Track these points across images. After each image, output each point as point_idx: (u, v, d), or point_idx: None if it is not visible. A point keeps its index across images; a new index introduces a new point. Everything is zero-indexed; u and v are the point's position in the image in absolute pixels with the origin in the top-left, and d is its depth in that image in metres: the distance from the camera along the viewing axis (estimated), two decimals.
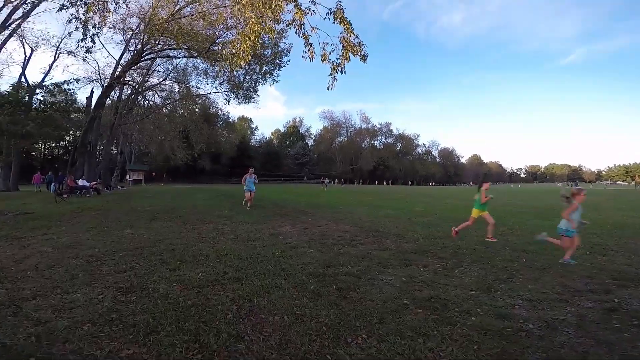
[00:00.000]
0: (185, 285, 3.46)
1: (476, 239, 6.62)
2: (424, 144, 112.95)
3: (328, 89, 5.57)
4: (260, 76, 20.76)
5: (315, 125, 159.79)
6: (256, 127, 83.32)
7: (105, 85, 20.94)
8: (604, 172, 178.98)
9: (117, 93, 24.97)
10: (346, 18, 5.90)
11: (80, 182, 17.37)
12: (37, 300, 3.02)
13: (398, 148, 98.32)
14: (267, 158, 67.17)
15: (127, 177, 42.16)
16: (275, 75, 20.73)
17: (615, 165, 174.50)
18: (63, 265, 4.08)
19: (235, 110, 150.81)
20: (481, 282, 3.77)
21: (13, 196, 17.07)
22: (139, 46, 19.16)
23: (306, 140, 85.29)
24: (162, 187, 31.33)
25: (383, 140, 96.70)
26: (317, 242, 5.86)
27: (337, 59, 5.68)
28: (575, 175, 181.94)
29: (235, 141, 64.49)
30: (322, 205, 13.98)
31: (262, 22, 5.95)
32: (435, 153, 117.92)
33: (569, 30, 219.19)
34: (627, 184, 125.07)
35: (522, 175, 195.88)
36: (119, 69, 20.28)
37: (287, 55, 20.16)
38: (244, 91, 21.60)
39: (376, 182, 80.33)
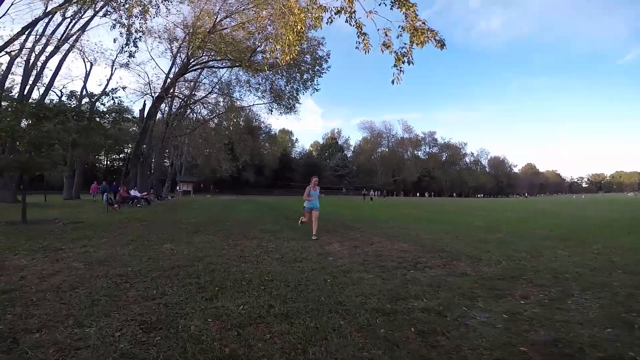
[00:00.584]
0: (222, 322, 2.70)
1: (569, 259, 5.30)
2: (472, 153, 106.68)
3: (393, 82, 4.72)
4: (300, 84, 20.51)
5: (353, 137, 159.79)
6: (296, 140, 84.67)
7: (155, 97, 22.09)
8: None
9: (168, 106, 26.33)
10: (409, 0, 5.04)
11: (132, 192, 18.11)
12: (41, 333, 2.45)
13: (444, 158, 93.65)
14: (307, 170, 67.33)
15: (177, 188, 44.43)
16: (316, 83, 20.36)
17: None
18: (88, 286, 3.56)
19: (277, 122, 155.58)
20: (613, 316, 2.92)
21: (72, 205, 18.27)
22: (185, 59, 19.96)
23: (345, 152, 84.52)
24: (209, 198, 32.31)
25: (427, 150, 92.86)
26: (374, 265, 4.92)
27: (402, 48, 4.81)
28: None
29: (277, 153, 65.85)
30: (369, 219, 12.95)
31: (307, 10, 5.32)
32: (484, 162, 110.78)
33: (621, 29, 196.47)
34: None
35: (584, 185, 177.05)
36: (168, 82, 21.28)
37: (326, 62, 19.76)
38: (285, 101, 21.49)
39: (417, 194, 76.93)
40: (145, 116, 22.67)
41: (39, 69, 18.49)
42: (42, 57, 18.03)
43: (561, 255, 5.85)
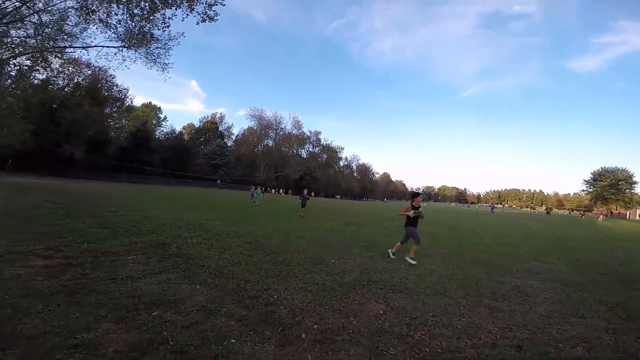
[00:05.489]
0: None
1: None
2: (346, 158, 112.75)
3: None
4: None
5: (239, 125, 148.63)
6: (165, 118, 68.99)
7: None
8: (482, 196, 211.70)
9: None
10: None
11: None
12: None
13: (324, 159, 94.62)
14: (172, 154, 54.26)
15: None
16: (213, 11, 11.57)
17: (491, 190, 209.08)
18: None
19: (140, 92, 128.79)
20: None
21: None
22: None
23: (225, 140, 74.12)
24: None
25: (310, 149, 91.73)
26: None
27: None
28: (461, 197, 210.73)
29: (132, 128, 50.41)
30: (306, 250, 6.64)
31: None
32: (354, 167, 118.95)
33: (471, 67, 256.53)
34: (501, 206, 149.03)
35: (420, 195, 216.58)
36: None
37: None
38: (141, 20, 11.98)
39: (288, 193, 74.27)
40: None
41: None
42: None
43: None
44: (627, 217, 53.11)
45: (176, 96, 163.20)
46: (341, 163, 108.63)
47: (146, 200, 15.55)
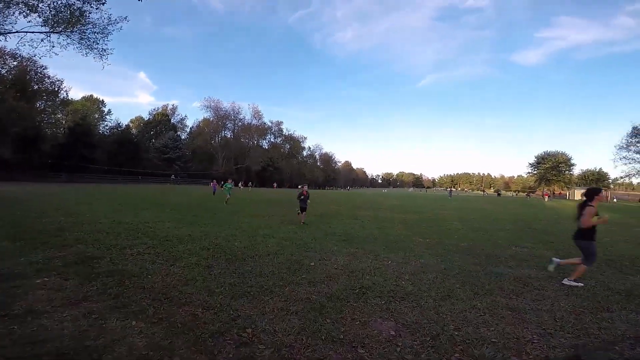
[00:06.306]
0: None
1: None
2: (309, 147, 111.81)
3: None
4: None
5: (193, 117, 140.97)
6: (109, 111, 63.24)
7: None
8: (437, 180, 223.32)
9: None
10: None
11: None
12: None
13: (286, 149, 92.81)
14: (119, 149, 49.41)
15: None
16: None
17: (444, 174, 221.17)
18: None
19: (79, 89, 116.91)
20: None
21: None
22: None
23: (179, 133, 69.37)
24: None
25: (272, 139, 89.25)
26: None
27: None
28: (418, 182, 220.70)
29: (70, 123, 45.20)
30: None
31: None
32: (317, 157, 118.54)
33: (427, 58, 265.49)
34: (455, 190, 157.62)
35: (379, 181, 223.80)
36: None
37: None
38: None
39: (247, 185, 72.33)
40: None
41: None
42: None
43: None
44: (567, 197, 58.29)
45: (123, 89, 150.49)
46: (304, 153, 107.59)
47: (84, 202, 13.41)
